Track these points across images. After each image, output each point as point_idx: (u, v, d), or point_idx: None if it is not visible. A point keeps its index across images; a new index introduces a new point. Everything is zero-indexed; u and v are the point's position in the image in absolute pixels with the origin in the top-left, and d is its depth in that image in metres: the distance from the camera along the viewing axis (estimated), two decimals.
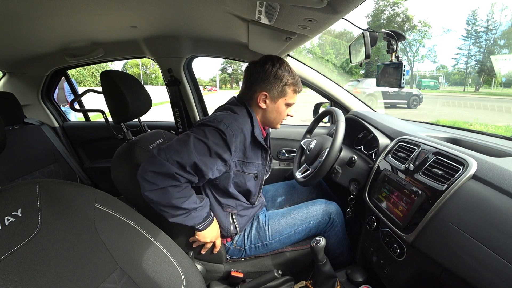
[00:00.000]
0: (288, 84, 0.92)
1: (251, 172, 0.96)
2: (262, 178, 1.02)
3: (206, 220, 0.88)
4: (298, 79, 0.95)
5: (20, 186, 0.51)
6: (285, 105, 0.95)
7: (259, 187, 1.02)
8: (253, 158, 0.94)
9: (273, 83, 0.90)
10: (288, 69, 0.92)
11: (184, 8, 1.01)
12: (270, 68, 0.89)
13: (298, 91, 0.96)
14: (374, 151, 1.13)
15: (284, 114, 0.98)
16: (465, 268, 0.55)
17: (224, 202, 0.96)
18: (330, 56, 34.17)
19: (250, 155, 0.93)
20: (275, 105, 0.94)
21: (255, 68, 0.91)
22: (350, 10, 0.63)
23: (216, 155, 0.81)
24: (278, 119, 0.98)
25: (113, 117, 1.03)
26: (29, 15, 0.94)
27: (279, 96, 0.93)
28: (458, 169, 0.66)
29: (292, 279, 0.93)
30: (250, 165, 0.94)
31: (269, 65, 0.90)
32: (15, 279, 0.42)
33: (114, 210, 0.62)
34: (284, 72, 0.90)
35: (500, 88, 21.23)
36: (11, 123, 1.46)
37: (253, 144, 0.93)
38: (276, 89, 0.91)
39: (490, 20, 24.69)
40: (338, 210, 1.07)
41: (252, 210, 1.02)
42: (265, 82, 0.90)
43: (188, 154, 0.77)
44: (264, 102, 0.93)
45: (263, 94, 0.91)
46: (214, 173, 0.85)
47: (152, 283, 0.60)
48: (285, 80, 0.90)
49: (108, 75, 0.99)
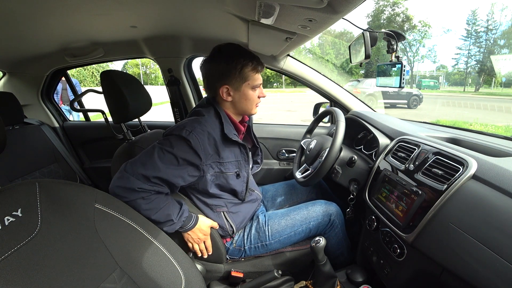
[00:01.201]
0: (244, 67, 0.86)
1: (231, 172, 0.93)
2: (247, 174, 0.98)
3: (184, 227, 0.86)
4: (253, 57, 0.89)
5: (20, 186, 0.51)
6: (251, 88, 0.90)
7: (245, 183, 0.98)
8: (230, 157, 0.91)
9: (228, 73, 0.86)
10: (239, 50, 0.88)
11: (184, 8, 1.01)
12: (219, 60, 0.86)
13: (259, 69, 0.90)
14: (374, 151, 1.13)
15: (255, 98, 0.93)
16: (465, 268, 0.55)
17: (211, 203, 0.95)
18: (330, 56, 34.16)
19: (226, 154, 0.90)
20: (241, 93, 0.90)
21: (206, 65, 0.89)
22: (350, 10, 0.63)
23: (185, 161, 0.81)
24: (250, 105, 0.93)
25: (113, 117, 1.03)
26: (29, 15, 0.94)
27: (240, 83, 0.88)
28: (458, 169, 0.66)
29: (292, 279, 0.93)
30: (228, 164, 0.91)
31: (217, 57, 0.87)
32: (15, 279, 0.42)
33: (114, 210, 0.62)
34: (235, 57, 0.86)
35: (500, 88, 21.21)
36: (11, 123, 1.46)
37: (227, 143, 0.90)
38: (234, 78, 0.87)
39: (490, 20, 24.68)
40: (338, 211, 1.06)
41: (245, 206, 1.01)
42: (221, 75, 0.87)
43: (153, 166, 0.77)
44: (229, 94, 0.89)
45: (224, 87, 0.88)
46: (187, 180, 0.84)
47: (152, 283, 0.60)
48: (239, 65, 0.86)
49: (108, 75, 0.99)
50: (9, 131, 1.46)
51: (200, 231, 0.89)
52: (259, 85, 0.93)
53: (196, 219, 0.89)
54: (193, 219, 0.88)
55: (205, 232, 0.91)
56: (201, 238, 0.91)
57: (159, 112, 6.28)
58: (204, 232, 0.91)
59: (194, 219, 0.88)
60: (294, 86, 33.08)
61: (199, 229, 0.89)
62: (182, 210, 0.85)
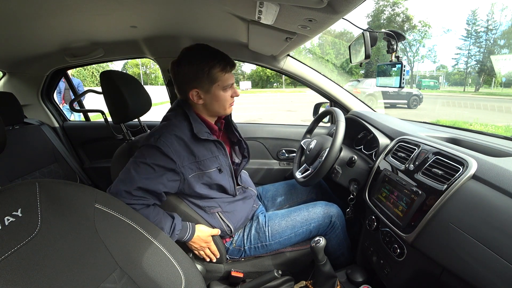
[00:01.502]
0: (212, 68, 0.84)
1: (212, 168, 0.90)
2: (230, 168, 0.96)
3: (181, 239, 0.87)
4: (221, 57, 0.86)
5: (20, 186, 0.51)
6: (222, 89, 0.88)
7: (231, 177, 0.96)
8: (207, 155, 0.89)
9: (196, 76, 0.84)
10: (206, 52, 0.86)
11: (184, 8, 1.01)
12: (186, 63, 0.84)
13: (228, 69, 0.87)
14: (374, 151, 1.13)
15: (227, 98, 0.91)
16: (465, 268, 0.55)
17: (204, 205, 0.94)
18: (330, 56, 34.16)
19: (202, 153, 0.88)
20: (211, 95, 0.88)
21: (174, 69, 0.87)
22: (350, 10, 0.63)
23: (161, 168, 0.81)
24: (223, 106, 0.92)
25: (113, 118, 1.03)
26: (29, 15, 0.94)
27: (210, 85, 0.86)
28: (458, 169, 0.66)
29: (292, 279, 0.93)
30: (206, 161, 0.89)
31: (184, 61, 0.85)
32: (15, 279, 0.42)
33: (114, 210, 0.62)
34: (202, 59, 0.84)
35: (500, 88, 21.21)
36: (11, 123, 1.46)
37: (199, 141, 0.88)
38: (202, 80, 0.85)
39: (490, 20, 24.70)
40: (339, 212, 1.06)
41: (239, 204, 1.00)
42: (189, 79, 0.85)
43: (131, 180, 0.78)
44: (199, 97, 0.88)
45: (194, 91, 0.86)
46: (168, 186, 0.83)
47: (152, 283, 0.60)
48: (206, 67, 0.83)
49: (107, 75, 0.99)
50: (9, 131, 1.46)
51: (199, 240, 0.90)
52: (230, 85, 0.90)
53: (192, 230, 0.89)
54: (189, 230, 0.88)
55: (206, 240, 0.92)
56: (204, 246, 0.92)
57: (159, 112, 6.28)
58: (205, 240, 0.91)
59: (190, 230, 0.88)
60: (294, 86, 33.10)
61: (199, 238, 0.90)
62: (173, 224, 0.85)
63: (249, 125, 1.77)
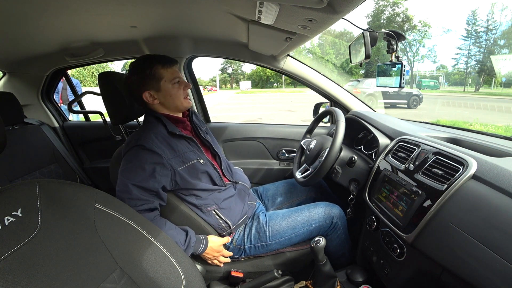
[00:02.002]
0: (154, 67, 0.91)
1: (193, 160, 0.95)
2: (208, 160, 1.00)
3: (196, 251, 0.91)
4: (160, 57, 0.93)
5: (20, 186, 0.51)
6: (171, 83, 0.94)
7: (214, 169, 1.00)
8: (185, 149, 0.95)
9: (142, 80, 0.92)
10: (145, 58, 0.93)
11: (184, 8, 1.01)
12: (131, 73, 0.93)
13: (168, 65, 0.94)
14: (374, 151, 1.13)
15: (179, 90, 0.96)
16: (465, 268, 0.55)
17: (199, 203, 0.96)
18: (330, 56, 34.17)
19: (180, 147, 0.94)
20: (163, 92, 0.94)
21: (125, 83, 0.97)
22: (350, 10, 0.63)
23: (149, 165, 0.85)
24: (178, 99, 0.97)
25: (112, 119, 1.03)
26: (29, 15, 0.94)
27: (157, 83, 0.92)
28: (458, 169, 0.66)
29: (292, 279, 0.93)
30: (187, 154, 0.95)
31: (129, 73, 0.94)
32: (15, 279, 0.42)
33: (114, 210, 0.62)
34: (143, 64, 0.92)
35: (500, 88, 21.21)
36: (11, 123, 1.46)
37: (175, 138, 0.94)
38: (149, 81, 0.92)
39: (490, 20, 24.70)
40: (341, 213, 1.06)
41: (234, 200, 1.01)
42: (138, 85, 0.93)
43: (125, 187, 0.82)
44: (153, 97, 0.94)
45: (146, 93, 0.93)
46: (161, 181, 0.86)
47: (152, 283, 0.59)
48: (148, 69, 0.91)
49: (106, 76, 0.99)
50: (9, 131, 1.46)
51: (212, 250, 0.94)
52: (177, 78, 0.96)
53: (205, 242, 0.93)
54: (203, 242, 0.92)
55: (218, 250, 0.96)
56: (217, 255, 0.96)
57: None
58: (217, 250, 0.96)
59: (203, 242, 0.93)
60: (294, 86, 33.10)
61: (211, 249, 0.94)
62: (188, 236, 0.89)
63: (249, 125, 1.77)
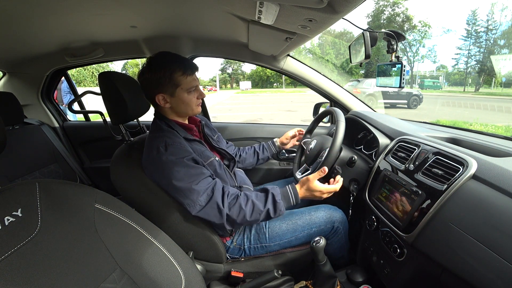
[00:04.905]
0: (173, 73, 0.90)
1: (210, 158, 0.98)
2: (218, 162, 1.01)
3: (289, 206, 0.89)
4: (182, 62, 0.91)
5: (20, 186, 0.51)
6: (187, 92, 0.93)
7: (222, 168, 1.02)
8: (201, 149, 0.98)
9: (159, 81, 0.90)
10: (167, 58, 0.91)
11: (184, 8, 1.01)
12: (149, 71, 0.90)
13: (189, 72, 0.92)
14: (374, 151, 1.13)
15: (193, 100, 0.96)
16: (465, 268, 0.55)
17: None
18: (330, 56, 34.18)
19: (197, 149, 0.96)
20: (176, 98, 0.93)
21: (140, 78, 0.94)
22: (350, 10, 0.63)
23: (188, 160, 0.86)
24: (190, 107, 0.97)
25: (112, 118, 1.03)
26: (29, 15, 0.94)
27: (173, 89, 0.91)
28: (458, 169, 0.66)
29: (292, 279, 0.93)
30: (203, 153, 0.97)
31: (147, 69, 0.91)
32: (15, 279, 0.42)
33: (114, 210, 0.62)
34: (163, 65, 0.90)
35: (500, 88, 21.21)
36: (11, 123, 1.46)
37: (189, 142, 0.95)
38: (166, 85, 0.90)
39: (490, 20, 24.70)
40: (343, 218, 1.05)
41: None
42: (153, 85, 0.91)
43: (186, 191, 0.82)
44: (166, 101, 0.93)
45: (160, 95, 0.92)
46: (206, 167, 0.90)
47: (152, 283, 0.60)
48: (168, 72, 0.89)
49: (106, 76, 0.99)
50: (9, 131, 1.46)
51: (311, 194, 0.90)
52: (194, 87, 0.95)
53: (294, 193, 0.90)
54: (291, 195, 0.90)
55: (318, 189, 0.89)
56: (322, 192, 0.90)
57: None
58: (317, 189, 0.89)
59: (291, 194, 0.90)
60: (294, 86, 33.10)
61: (310, 193, 0.90)
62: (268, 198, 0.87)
63: (249, 125, 1.77)
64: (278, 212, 0.86)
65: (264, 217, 0.86)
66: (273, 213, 0.86)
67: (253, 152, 1.35)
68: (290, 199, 0.90)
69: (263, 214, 0.85)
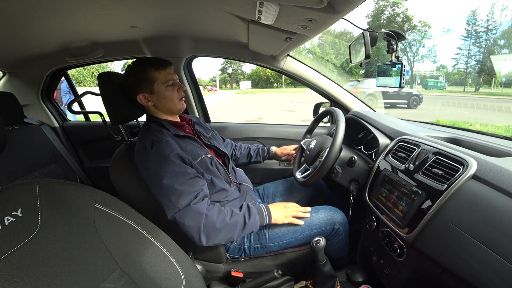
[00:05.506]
0: (147, 69, 0.93)
1: (201, 156, 0.97)
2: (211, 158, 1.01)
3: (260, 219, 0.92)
4: (153, 60, 0.95)
5: (20, 186, 0.51)
6: (164, 86, 0.95)
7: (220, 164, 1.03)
8: (192, 147, 0.98)
9: (136, 82, 0.94)
10: (140, 61, 0.95)
11: (184, 8, 1.01)
12: (126, 76, 0.96)
13: (160, 67, 0.94)
14: (374, 151, 1.13)
15: (173, 94, 0.97)
16: (465, 268, 0.55)
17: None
18: (330, 56, 34.19)
19: (188, 146, 0.96)
20: (156, 94, 0.95)
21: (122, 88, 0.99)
22: (350, 10, 0.63)
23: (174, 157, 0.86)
24: (172, 102, 0.98)
25: (111, 119, 1.03)
26: (29, 15, 0.94)
27: (151, 85, 0.94)
28: (458, 169, 0.66)
29: (292, 279, 0.93)
30: (194, 151, 0.97)
31: (125, 76, 0.97)
32: (15, 279, 0.42)
33: (114, 210, 0.62)
34: (137, 67, 0.94)
35: (500, 88, 21.22)
36: (11, 123, 1.46)
37: (180, 138, 0.96)
38: (143, 83, 0.94)
39: (490, 20, 24.72)
40: (343, 219, 1.04)
41: (237, 202, 1.02)
42: (132, 87, 0.95)
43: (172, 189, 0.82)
44: (147, 100, 0.96)
45: (140, 95, 0.95)
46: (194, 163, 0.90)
47: (152, 283, 0.60)
48: (141, 72, 0.93)
49: (105, 77, 0.99)
50: (9, 131, 1.46)
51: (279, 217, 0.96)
52: (171, 80, 0.96)
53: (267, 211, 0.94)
54: (264, 214, 0.94)
55: (285, 214, 0.97)
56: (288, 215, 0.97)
57: None
58: (284, 214, 0.97)
59: (265, 213, 0.94)
60: (294, 86, 33.11)
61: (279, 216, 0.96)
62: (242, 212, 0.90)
63: (249, 125, 1.77)
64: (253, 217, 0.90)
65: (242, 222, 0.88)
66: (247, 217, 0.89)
67: (247, 154, 1.39)
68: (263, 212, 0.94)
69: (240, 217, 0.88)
